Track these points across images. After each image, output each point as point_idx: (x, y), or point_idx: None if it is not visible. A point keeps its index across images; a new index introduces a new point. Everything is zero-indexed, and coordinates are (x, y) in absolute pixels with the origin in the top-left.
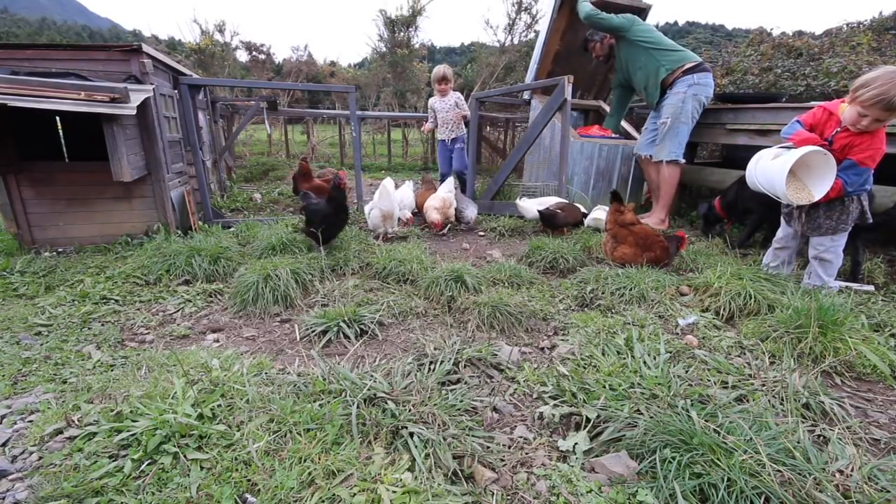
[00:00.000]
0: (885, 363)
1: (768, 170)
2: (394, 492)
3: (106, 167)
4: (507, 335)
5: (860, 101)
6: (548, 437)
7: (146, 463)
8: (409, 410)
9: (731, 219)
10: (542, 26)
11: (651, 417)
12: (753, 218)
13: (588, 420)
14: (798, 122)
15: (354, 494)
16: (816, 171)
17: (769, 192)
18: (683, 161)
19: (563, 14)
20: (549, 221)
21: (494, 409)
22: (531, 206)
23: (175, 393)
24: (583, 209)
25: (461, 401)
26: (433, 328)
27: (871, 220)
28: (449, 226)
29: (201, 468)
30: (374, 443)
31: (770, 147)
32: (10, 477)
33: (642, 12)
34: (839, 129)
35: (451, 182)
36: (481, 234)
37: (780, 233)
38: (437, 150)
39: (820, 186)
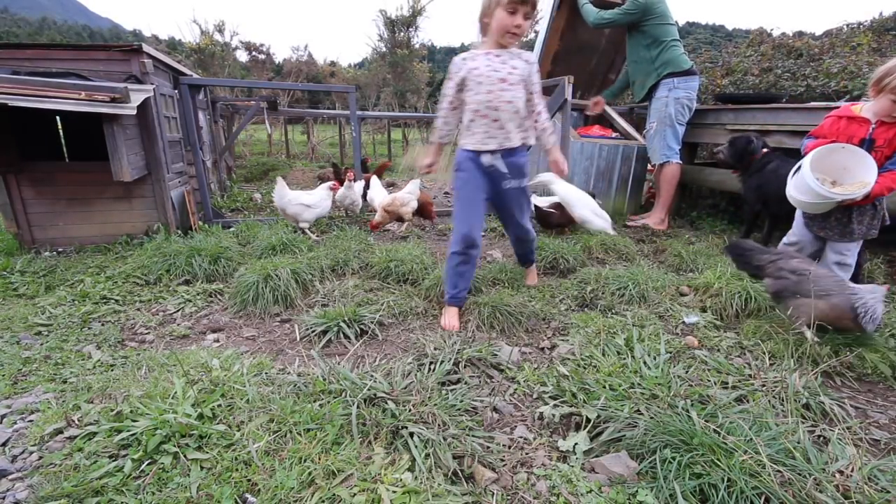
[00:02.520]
0: (885, 363)
1: (797, 185)
2: (394, 492)
3: (106, 167)
4: (507, 335)
5: (891, 89)
6: (548, 437)
7: (146, 463)
8: (409, 410)
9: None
10: (542, 26)
11: (651, 418)
12: (747, 214)
13: (588, 420)
14: (811, 139)
15: (354, 494)
16: (854, 169)
17: (817, 203)
18: (676, 162)
19: (562, 14)
20: (544, 221)
21: (494, 409)
22: (542, 202)
23: (175, 393)
24: None
25: (461, 401)
26: (433, 328)
27: (888, 222)
28: (406, 224)
29: (201, 468)
30: (374, 443)
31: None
32: (11, 477)
33: None
34: (874, 125)
35: (416, 183)
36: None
37: (794, 237)
38: (455, 185)
39: (868, 175)
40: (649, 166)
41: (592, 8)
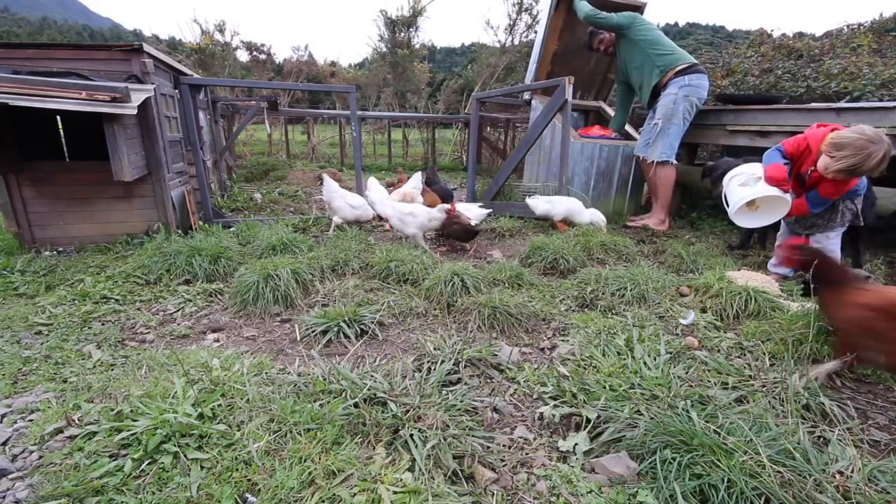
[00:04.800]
0: None
1: (732, 193)
2: (394, 492)
3: (106, 167)
4: (507, 335)
5: (830, 169)
6: (548, 437)
7: (146, 462)
8: (410, 410)
9: None
10: (540, 27)
11: (651, 418)
12: None
13: (588, 420)
14: (779, 150)
15: (354, 494)
16: (775, 203)
17: (727, 207)
18: (675, 162)
19: (560, 14)
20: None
21: (495, 410)
22: (539, 204)
23: (175, 392)
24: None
25: (461, 401)
26: (433, 328)
27: (862, 223)
28: None
29: (201, 468)
30: (375, 443)
31: (766, 148)
32: (11, 476)
33: (637, 10)
34: (813, 167)
35: (417, 177)
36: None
37: (781, 238)
38: None
39: (767, 216)
40: (640, 158)
41: (587, 4)
